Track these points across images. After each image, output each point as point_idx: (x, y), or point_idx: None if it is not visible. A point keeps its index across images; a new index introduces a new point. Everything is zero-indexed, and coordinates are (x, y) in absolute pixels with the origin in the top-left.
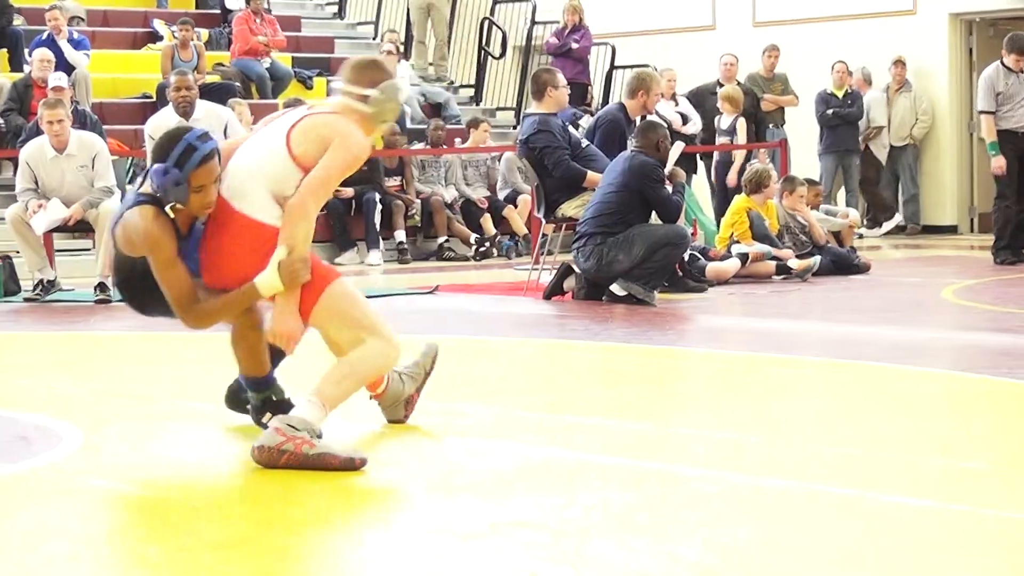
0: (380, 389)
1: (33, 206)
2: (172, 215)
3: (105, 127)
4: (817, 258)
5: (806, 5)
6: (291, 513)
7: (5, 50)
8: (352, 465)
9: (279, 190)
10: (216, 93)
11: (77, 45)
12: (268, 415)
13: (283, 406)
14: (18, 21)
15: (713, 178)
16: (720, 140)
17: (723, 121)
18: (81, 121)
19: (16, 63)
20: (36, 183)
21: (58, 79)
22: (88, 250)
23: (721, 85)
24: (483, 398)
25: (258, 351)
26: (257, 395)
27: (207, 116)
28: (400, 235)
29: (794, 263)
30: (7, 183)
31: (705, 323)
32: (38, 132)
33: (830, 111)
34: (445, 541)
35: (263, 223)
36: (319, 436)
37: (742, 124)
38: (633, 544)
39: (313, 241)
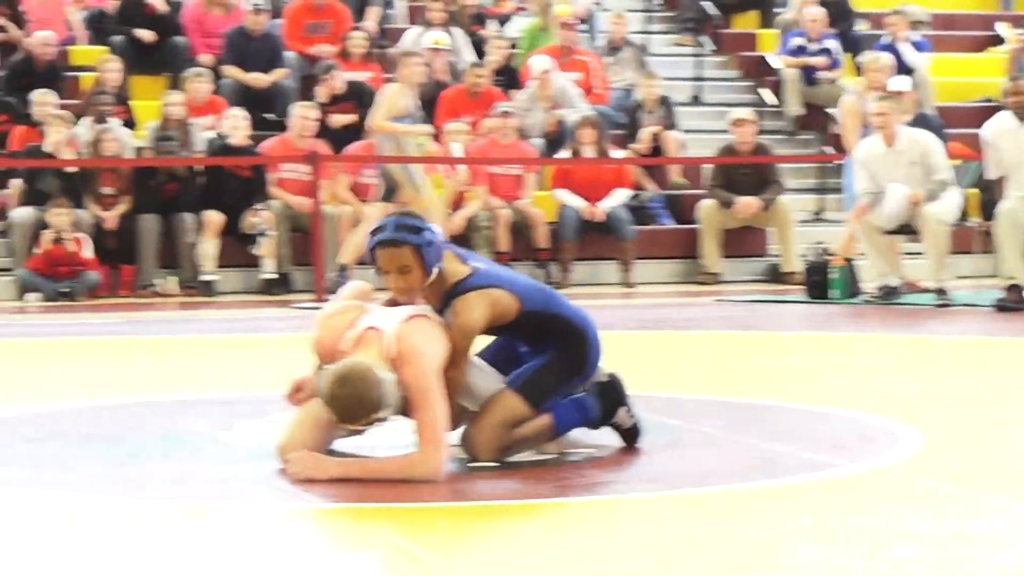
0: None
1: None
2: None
3: (948, 131)
4: None
5: None
6: None
7: (849, 54)
8: None
9: None
10: None
11: (918, 48)
12: None
13: None
14: (861, 26)
15: None
16: None
17: None
18: (923, 123)
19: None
20: (871, 182)
21: (900, 82)
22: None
23: None
24: None
25: None
26: None
27: None
28: None
29: None
30: None
31: None
32: None
33: None
34: None
35: None
36: None
37: None
38: None
39: None
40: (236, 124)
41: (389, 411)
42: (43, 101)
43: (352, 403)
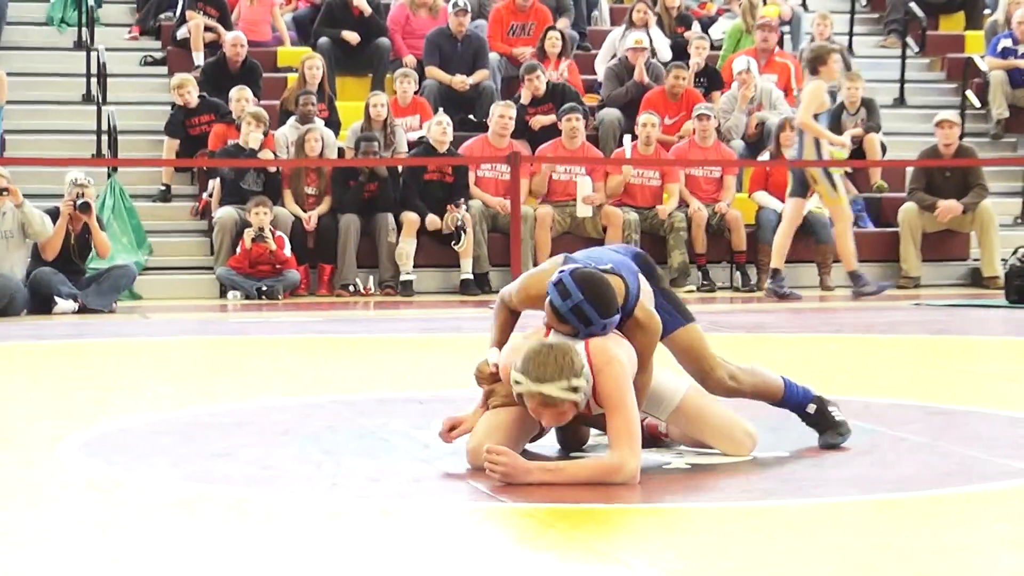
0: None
1: None
2: None
3: None
4: None
5: None
6: None
7: None
8: None
9: None
10: None
11: None
12: None
13: None
14: None
15: None
16: None
17: None
18: None
19: None
20: None
21: None
22: None
23: None
24: None
25: None
26: None
27: None
28: None
29: None
30: None
31: None
32: None
33: None
34: None
35: None
36: None
37: None
38: None
39: None
40: (440, 130)
41: (582, 394)
42: (239, 98)
43: (552, 359)
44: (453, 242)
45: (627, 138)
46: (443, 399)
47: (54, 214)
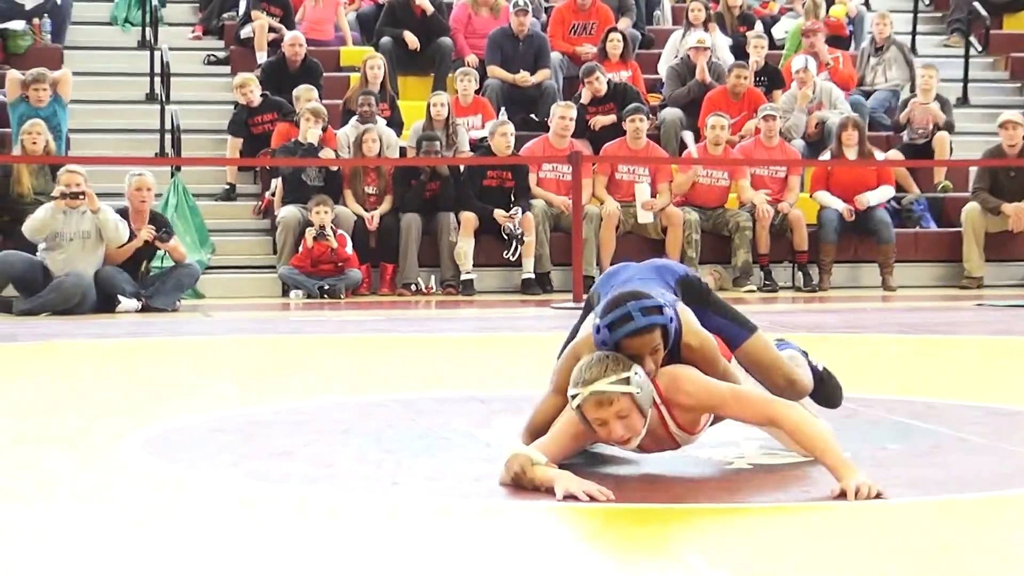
0: None
1: None
2: None
3: None
4: None
5: None
6: None
7: None
8: None
9: None
10: None
11: None
12: None
13: None
14: None
15: None
16: None
17: None
18: None
19: None
20: None
21: None
22: None
23: None
24: None
25: None
26: None
27: None
28: None
29: None
30: None
31: None
32: None
33: None
34: None
35: None
36: None
37: None
38: None
39: None
40: (504, 142)
41: (637, 388)
42: (303, 97)
43: (598, 360)
44: (506, 251)
45: (689, 137)
46: (504, 398)
47: (123, 212)
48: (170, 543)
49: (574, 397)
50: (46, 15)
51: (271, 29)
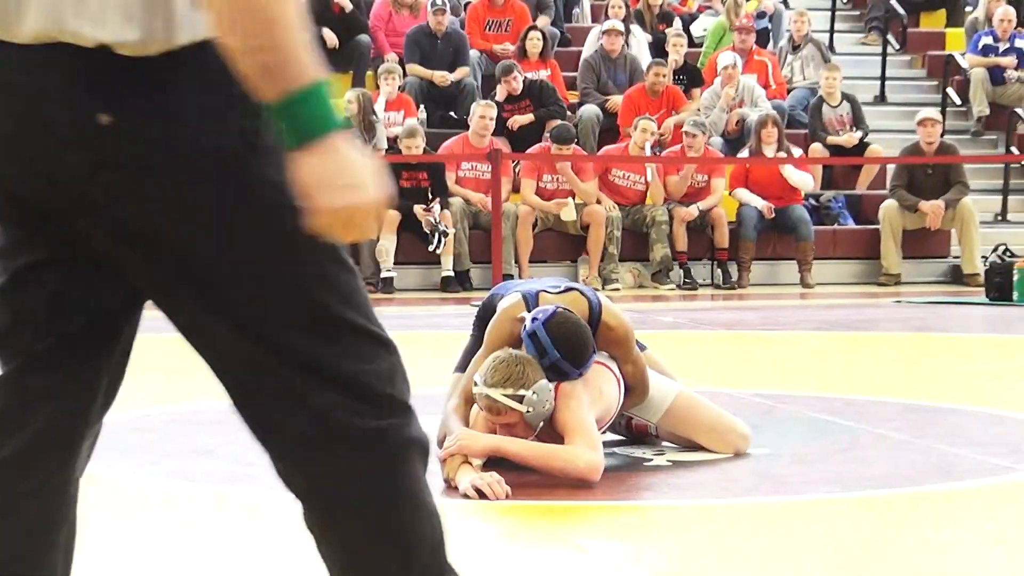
0: None
1: None
2: None
3: None
4: None
5: None
6: None
7: None
8: None
9: None
10: None
11: None
12: None
13: None
14: None
15: None
16: None
17: None
18: None
19: None
20: None
21: None
22: None
23: None
24: None
25: None
26: None
27: None
28: None
29: None
30: None
31: None
32: None
33: None
34: None
35: None
36: None
37: None
38: None
39: None
40: (408, 146)
41: (528, 408)
42: None
43: (506, 366)
44: (430, 245)
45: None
46: (422, 396)
47: None
48: (87, 543)
49: (475, 385)
50: None
51: None
